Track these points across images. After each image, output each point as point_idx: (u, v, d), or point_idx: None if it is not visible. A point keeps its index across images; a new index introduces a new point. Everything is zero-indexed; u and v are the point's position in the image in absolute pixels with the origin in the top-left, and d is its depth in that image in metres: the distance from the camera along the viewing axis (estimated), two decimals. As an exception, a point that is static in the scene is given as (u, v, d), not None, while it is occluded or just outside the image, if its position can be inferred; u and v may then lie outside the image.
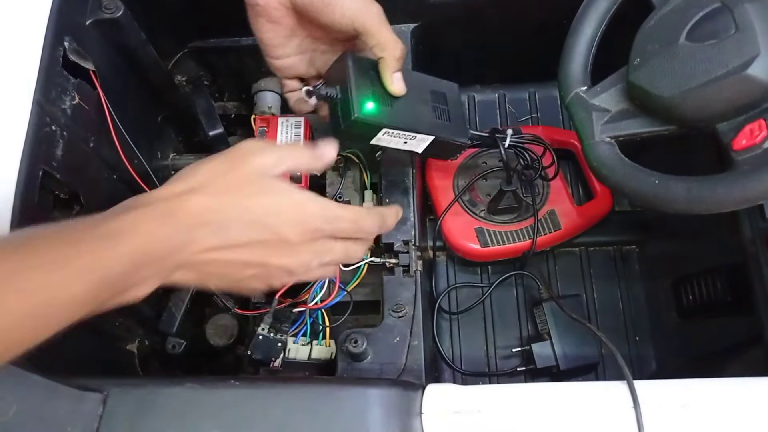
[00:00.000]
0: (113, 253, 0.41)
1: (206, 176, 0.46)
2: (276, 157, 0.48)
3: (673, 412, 0.53)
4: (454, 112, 0.70)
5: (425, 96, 0.68)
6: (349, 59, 0.61)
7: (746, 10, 0.53)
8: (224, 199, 0.45)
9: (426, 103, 0.68)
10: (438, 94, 0.69)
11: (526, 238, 0.90)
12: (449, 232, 0.91)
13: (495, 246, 0.90)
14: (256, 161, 0.47)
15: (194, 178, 0.46)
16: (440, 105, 0.69)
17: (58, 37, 0.64)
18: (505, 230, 0.90)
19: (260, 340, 0.71)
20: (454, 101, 0.71)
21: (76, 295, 0.40)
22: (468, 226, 0.91)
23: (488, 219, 0.91)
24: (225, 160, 0.47)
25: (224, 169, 0.46)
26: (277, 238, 0.47)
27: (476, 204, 0.92)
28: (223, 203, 0.45)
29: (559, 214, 0.91)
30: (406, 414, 0.53)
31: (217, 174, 0.46)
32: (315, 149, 0.52)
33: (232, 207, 0.45)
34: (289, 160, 0.50)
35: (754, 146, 0.52)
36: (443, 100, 0.69)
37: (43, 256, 0.40)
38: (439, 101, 0.69)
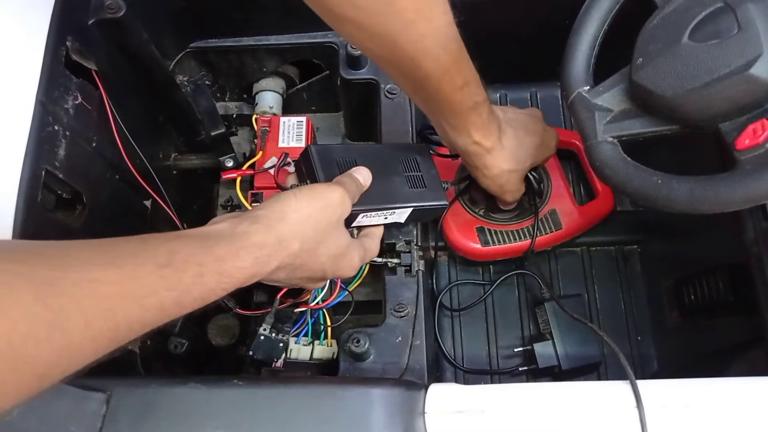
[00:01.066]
0: (230, 282, 0.48)
1: (302, 225, 0.54)
2: (349, 205, 0.59)
3: (675, 412, 0.53)
4: (427, 175, 0.71)
5: (396, 167, 0.69)
6: (313, 152, 0.64)
7: (749, 9, 0.53)
8: (309, 248, 0.55)
9: (398, 174, 0.69)
10: (408, 162, 0.71)
11: (527, 237, 0.90)
12: (450, 231, 0.91)
13: (496, 245, 0.90)
14: (338, 213, 0.58)
15: (293, 226, 0.54)
16: (413, 173, 0.70)
17: (61, 36, 0.65)
18: (506, 229, 0.90)
19: (262, 341, 0.71)
20: (426, 164, 0.72)
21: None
22: (469, 225, 0.91)
23: (489, 218, 0.91)
24: (318, 210, 0.56)
25: (316, 221, 0.56)
26: (326, 277, 0.61)
27: (476, 203, 0.92)
28: (307, 253, 0.55)
29: (561, 214, 0.91)
30: (409, 414, 0.53)
31: (309, 224, 0.55)
32: (361, 182, 0.63)
33: (310, 255, 0.56)
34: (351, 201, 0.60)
35: (756, 146, 0.52)
36: (415, 166, 0.71)
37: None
38: (411, 169, 0.71)
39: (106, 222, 0.72)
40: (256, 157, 0.79)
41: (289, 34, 0.89)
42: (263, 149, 0.80)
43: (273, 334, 0.72)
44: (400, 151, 0.72)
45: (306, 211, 0.54)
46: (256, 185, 0.78)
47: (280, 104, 0.95)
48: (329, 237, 0.57)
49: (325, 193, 0.57)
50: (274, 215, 0.53)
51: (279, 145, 0.80)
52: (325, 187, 0.58)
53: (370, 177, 0.64)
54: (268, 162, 0.79)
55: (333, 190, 0.57)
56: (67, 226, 0.65)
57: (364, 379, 0.63)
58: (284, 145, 0.80)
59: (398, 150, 0.72)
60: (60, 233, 0.63)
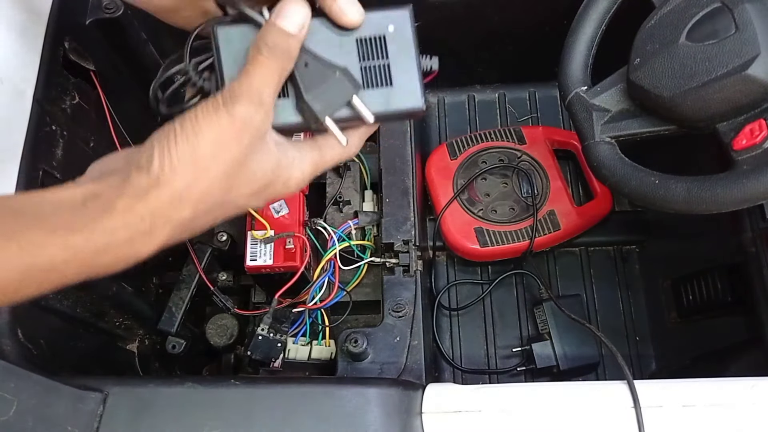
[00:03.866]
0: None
1: (187, 185, 0.42)
2: (267, 122, 0.44)
3: (673, 412, 0.53)
4: (398, 63, 0.46)
5: (349, 52, 0.46)
6: (218, 34, 0.45)
7: (746, 10, 0.53)
8: (209, 205, 0.43)
9: (351, 63, 0.46)
10: (371, 44, 0.46)
11: (526, 238, 0.90)
12: (449, 231, 0.91)
13: (494, 246, 0.90)
14: (245, 142, 0.43)
15: (172, 191, 0.42)
16: (374, 61, 0.46)
17: (59, 36, 0.65)
18: (505, 230, 0.91)
19: (260, 341, 0.71)
20: (401, 42, 0.46)
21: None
22: (467, 225, 0.91)
23: (487, 219, 0.91)
24: (212, 151, 0.42)
25: (208, 169, 0.42)
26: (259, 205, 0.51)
27: (475, 203, 0.92)
28: (208, 210, 0.44)
29: (559, 214, 0.91)
30: (407, 414, 0.53)
31: (199, 179, 0.42)
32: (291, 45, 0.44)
33: (215, 208, 0.44)
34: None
35: (754, 146, 0.52)
36: (380, 50, 0.46)
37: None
38: (373, 53, 0.46)
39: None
40: (255, 157, 0.79)
41: (287, 34, 0.89)
42: (261, 149, 0.79)
43: (271, 334, 0.72)
44: (364, 23, 0.46)
45: (192, 159, 0.40)
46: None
47: (278, 104, 0.95)
48: (240, 175, 0.43)
49: (220, 124, 0.41)
50: (143, 179, 0.39)
51: (277, 145, 0.80)
52: (222, 114, 0.41)
53: (305, 14, 0.43)
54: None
55: (232, 115, 0.41)
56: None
57: (362, 379, 0.63)
58: (282, 145, 0.80)
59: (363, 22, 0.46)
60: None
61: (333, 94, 0.45)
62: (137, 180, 0.40)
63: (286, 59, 0.43)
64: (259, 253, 0.75)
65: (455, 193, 0.91)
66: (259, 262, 0.74)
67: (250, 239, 0.75)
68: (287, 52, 0.43)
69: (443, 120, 1.06)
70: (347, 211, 0.85)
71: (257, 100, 0.42)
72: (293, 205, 0.77)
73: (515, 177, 0.95)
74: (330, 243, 0.78)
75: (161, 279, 0.85)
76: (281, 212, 0.77)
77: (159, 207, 0.40)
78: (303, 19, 0.44)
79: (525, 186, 0.93)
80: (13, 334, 0.54)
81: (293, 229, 0.75)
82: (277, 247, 0.74)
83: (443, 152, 0.96)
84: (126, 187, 0.40)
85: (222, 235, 0.82)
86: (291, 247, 0.74)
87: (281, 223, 0.76)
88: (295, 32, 0.43)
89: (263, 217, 0.76)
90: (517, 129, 0.98)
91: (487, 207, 0.92)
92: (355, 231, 0.80)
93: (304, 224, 0.78)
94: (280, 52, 0.43)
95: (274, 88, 0.43)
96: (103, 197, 0.40)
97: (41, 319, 0.59)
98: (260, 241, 0.75)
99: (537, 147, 0.96)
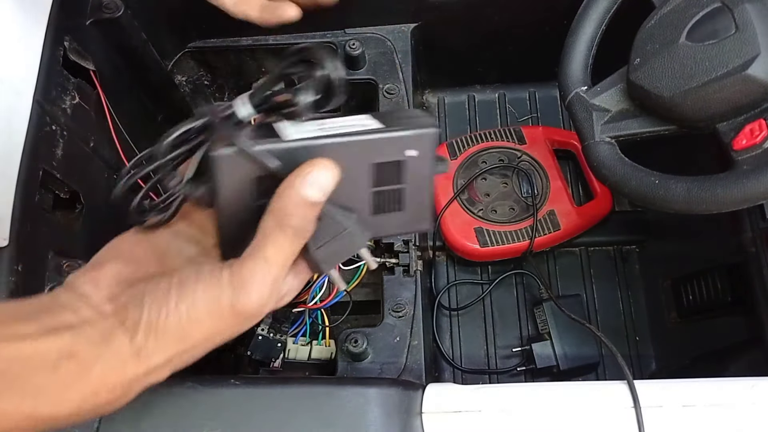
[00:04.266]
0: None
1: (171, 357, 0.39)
2: (267, 308, 0.39)
3: (673, 412, 0.53)
4: (413, 188, 0.42)
5: (363, 176, 0.41)
6: (217, 161, 0.39)
7: (746, 9, 0.53)
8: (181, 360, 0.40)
9: (363, 187, 0.41)
10: (388, 169, 0.41)
11: (526, 238, 0.90)
12: (449, 231, 0.91)
13: (494, 246, 0.91)
14: (234, 329, 0.40)
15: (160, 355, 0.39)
16: (387, 186, 0.42)
17: (58, 36, 0.64)
18: (505, 230, 0.91)
19: (260, 341, 0.71)
20: (419, 167, 0.42)
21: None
22: (467, 226, 0.91)
23: (487, 219, 0.91)
24: (204, 336, 0.39)
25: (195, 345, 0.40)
26: None
27: (475, 203, 0.92)
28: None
29: (559, 214, 0.92)
30: (406, 414, 0.53)
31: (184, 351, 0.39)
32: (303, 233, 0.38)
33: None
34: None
35: (754, 146, 0.52)
36: (396, 175, 0.41)
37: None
38: (389, 178, 0.41)
39: (105, 222, 0.72)
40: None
41: (287, 34, 0.89)
42: (261, 149, 0.79)
43: (271, 334, 0.72)
44: (384, 144, 0.41)
45: (178, 336, 0.37)
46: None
47: (278, 104, 0.95)
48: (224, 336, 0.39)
49: (221, 314, 0.37)
50: (125, 346, 0.36)
51: (277, 145, 0.80)
52: (224, 301, 0.36)
53: (333, 179, 0.37)
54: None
55: (235, 307, 0.36)
56: (65, 226, 0.65)
57: (361, 379, 0.63)
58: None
59: (381, 143, 0.41)
60: (58, 233, 0.63)
61: (340, 248, 0.41)
62: (118, 344, 0.36)
63: (304, 233, 0.38)
64: (259, 253, 0.75)
65: (455, 193, 0.91)
66: (259, 262, 0.74)
67: (250, 239, 0.75)
68: (309, 224, 0.37)
69: (443, 120, 1.06)
70: (347, 211, 0.85)
71: (267, 293, 0.37)
72: (293, 205, 0.77)
73: (515, 177, 0.95)
74: (330, 243, 0.78)
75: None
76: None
77: (135, 378, 0.37)
78: (330, 184, 0.37)
79: (525, 186, 0.93)
80: (13, 334, 0.54)
81: (293, 229, 0.75)
82: (277, 247, 0.74)
83: (443, 152, 0.96)
84: (105, 350, 0.36)
85: (222, 235, 0.82)
86: (291, 247, 0.74)
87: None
88: (320, 200, 0.37)
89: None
90: (517, 129, 0.98)
91: (487, 207, 0.92)
92: (355, 231, 0.80)
93: (304, 224, 0.78)
94: (301, 227, 0.37)
95: (286, 270, 0.38)
96: (78, 358, 0.36)
97: (41, 319, 0.59)
98: (260, 241, 0.75)
99: (537, 147, 0.96)
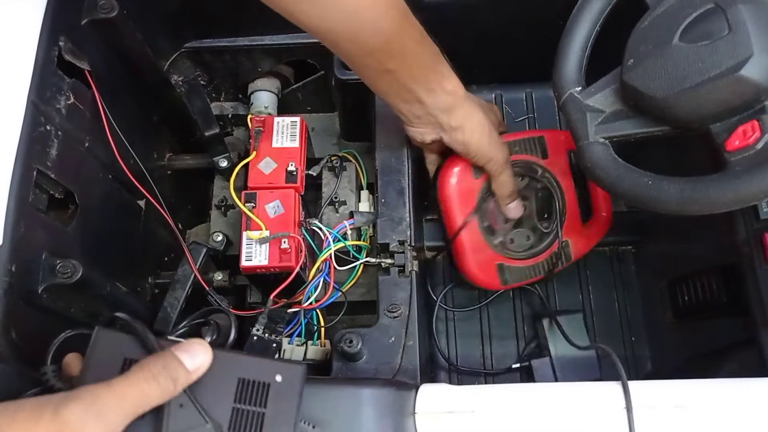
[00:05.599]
0: None
1: None
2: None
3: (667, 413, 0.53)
4: (274, 418, 0.45)
5: (227, 387, 0.44)
6: (98, 335, 0.45)
7: (739, 10, 0.53)
8: None
9: (226, 399, 0.44)
10: (253, 387, 0.44)
11: (542, 272, 0.84)
12: (470, 268, 0.82)
13: (515, 282, 0.85)
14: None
15: None
16: (249, 406, 0.44)
17: (53, 36, 0.64)
18: (524, 266, 0.84)
19: (255, 341, 0.71)
20: (284, 397, 0.45)
21: None
22: (490, 262, 0.82)
23: (506, 250, 0.83)
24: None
25: None
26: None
27: (495, 232, 0.83)
28: None
29: (572, 246, 0.85)
30: (400, 414, 0.53)
31: None
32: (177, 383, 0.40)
33: None
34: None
35: (746, 147, 0.52)
36: (259, 397, 0.45)
37: None
38: (251, 398, 0.44)
39: (99, 222, 0.72)
40: (250, 158, 0.79)
41: (284, 34, 0.89)
42: (257, 149, 0.80)
43: (266, 335, 0.72)
44: (251, 365, 0.45)
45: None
46: (250, 185, 0.78)
47: (275, 104, 0.95)
48: None
49: (37, 426, 0.35)
50: None
51: (273, 146, 0.80)
52: (46, 413, 0.35)
53: (208, 360, 0.41)
54: (261, 162, 0.79)
55: (57, 415, 0.35)
56: (59, 227, 0.65)
57: (355, 379, 0.63)
58: (278, 146, 0.80)
59: (249, 358, 0.46)
60: (52, 233, 0.63)
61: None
62: None
63: (166, 392, 0.39)
64: (254, 254, 0.75)
65: (473, 211, 0.79)
66: (255, 262, 0.74)
67: (245, 239, 0.75)
68: (172, 382, 0.39)
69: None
70: (343, 211, 0.85)
71: (97, 412, 0.36)
72: (288, 205, 0.77)
73: (534, 199, 0.85)
74: (325, 243, 0.78)
75: (156, 279, 0.84)
76: (277, 212, 0.77)
77: None
78: (205, 363, 0.41)
79: (541, 207, 0.85)
80: (7, 334, 0.54)
81: (289, 230, 0.75)
82: (273, 248, 0.75)
83: (466, 169, 0.78)
84: None
85: (217, 235, 0.82)
86: (286, 248, 0.74)
87: (277, 223, 0.76)
88: (192, 370, 0.41)
89: (259, 217, 0.76)
90: (540, 139, 0.83)
91: (506, 236, 0.84)
92: (350, 231, 0.80)
93: (300, 224, 0.78)
94: (166, 383, 0.39)
95: (130, 414, 0.38)
96: None
97: (35, 318, 0.59)
98: (256, 241, 0.75)
99: (558, 162, 0.84)
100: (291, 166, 0.78)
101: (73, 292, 0.63)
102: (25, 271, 0.57)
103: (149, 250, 0.84)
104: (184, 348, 0.41)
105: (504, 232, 0.83)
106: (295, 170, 0.78)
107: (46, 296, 0.60)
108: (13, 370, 0.52)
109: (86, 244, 0.68)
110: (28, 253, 0.58)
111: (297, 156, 0.80)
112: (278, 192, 0.77)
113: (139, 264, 0.82)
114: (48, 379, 0.44)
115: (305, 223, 0.79)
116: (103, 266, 0.68)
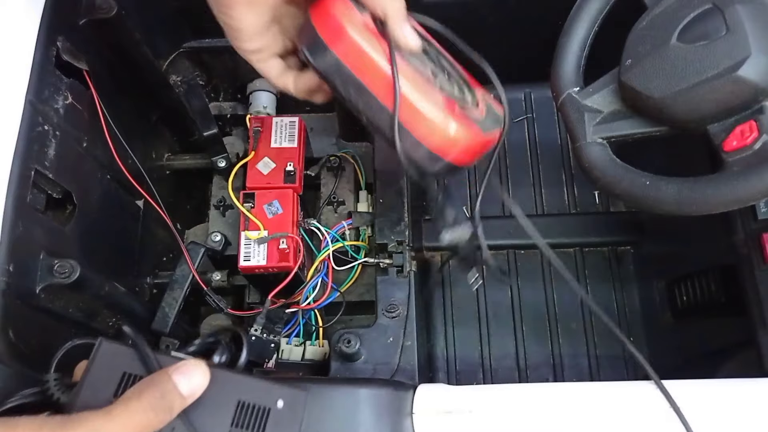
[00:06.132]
0: None
1: None
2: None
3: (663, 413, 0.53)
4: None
5: (225, 411, 0.43)
6: (100, 346, 0.44)
7: (737, 11, 0.53)
8: None
9: (224, 421, 0.43)
10: (251, 412, 0.43)
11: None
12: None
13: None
14: None
15: None
16: (245, 431, 0.43)
17: (51, 36, 0.64)
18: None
19: (253, 341, 0.71)
20: (285, 423, 0.44)
21: None
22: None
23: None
24: None
25: None
26: None
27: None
28: None
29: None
30: (397, 414, 0.53)
31: None
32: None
33: None
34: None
35: (744, 147, 0.52)
36: (258, 423, 0.43)
37: None
38: (250, 424, 0.43)
39: (97, 222, 0.72)
40: (248, 158, 0.79)
41: (281, 35, 0.89)
42: (255, 149, 0.80)
43: (264, 335, 0.72)
44: (252, 387, 0.44)
45: None
46: (248, 185, 0.78)
47: (274, 104, 0.95)
48: None
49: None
50: None
51: (271, 146, 0.80)
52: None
53: (203, 382, 0.41)
54: (260, 162, 0.79)
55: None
56: (57, 227, 0.65)
57: (353, 379, 0.63)
58: (276, 146, 0.80)
59: (252, 386, 0.44)
60: (50, 233, 0.63)
61: None
62: None
63: (161, 418, 0.39)
64: (252, 254, 0.75)
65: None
66: (253, 262, 0.74)
67: (243, 239, 0.75)
68: (168, 411, 0.39)
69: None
70: (341, 211, 0.85)
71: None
72: (287, 206, 0.77)
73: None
74: (324, 243, 0.79)
75: (155, 279, 0.84)
76: (275, 212, 0.77)
77: None
78: (201, 385, 0.40)
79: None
80: (5, 334, 0.54)
81: (287, 230, 0.75)
82: (271, 248, 0.75)
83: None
84: None
85: (216, 235, 0.82)
86: (285, 248, 0.74)
87: (275, 224, 0.76)
88: (187, 395, 0.40)
89: (257, 217, 0.76)
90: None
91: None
92: (349, 231, 0.81)
93: (298, 224, 0.78)
94: (161, 409, 0.38)
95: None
96: None
97: (33, 318, 0.59)
98: (254, 241, 0.75)
99: None
100: (289, 166, 0.78)
101: (71, 291, 0.63)
102: (23, 271, 0.57)
103: (147, 250, 0.84)
104: (181, 370, 0.40)
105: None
106: (294, 170, 0.78)
107: (44, 296, 0.60)
108: (11, 370, 0.52)
109: (84, 244, 0.68)
110: (26, 253, 0.58)
111: (295, 156, 0.80)
112: (277, 192, 0.77)
113: (137, 264, 0.82)
114: (49, 387, 0.44)
115: (304, 223, 0.79)
116: (101, 266, 0.68)
